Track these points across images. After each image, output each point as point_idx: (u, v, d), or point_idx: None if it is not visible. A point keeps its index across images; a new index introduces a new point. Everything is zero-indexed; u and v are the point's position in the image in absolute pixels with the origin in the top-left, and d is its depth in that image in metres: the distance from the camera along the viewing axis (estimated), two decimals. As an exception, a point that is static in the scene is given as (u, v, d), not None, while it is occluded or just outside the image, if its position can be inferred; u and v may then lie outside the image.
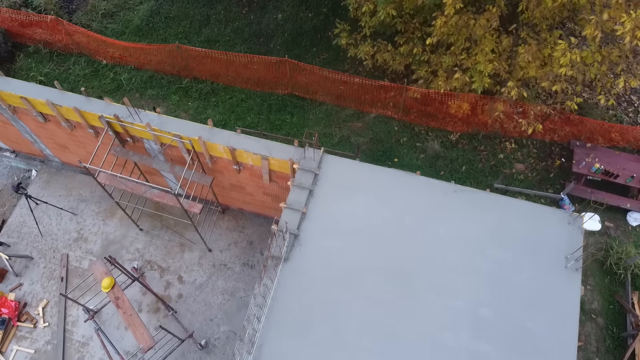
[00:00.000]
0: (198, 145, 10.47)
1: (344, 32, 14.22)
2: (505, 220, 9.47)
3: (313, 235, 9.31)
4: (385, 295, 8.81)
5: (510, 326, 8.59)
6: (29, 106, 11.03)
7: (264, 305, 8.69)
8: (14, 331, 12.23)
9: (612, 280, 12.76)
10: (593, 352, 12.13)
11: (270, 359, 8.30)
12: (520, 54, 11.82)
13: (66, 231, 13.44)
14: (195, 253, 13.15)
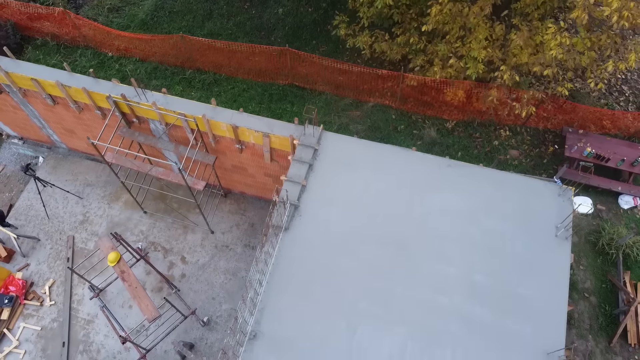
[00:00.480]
0: (202, 124, 10.87)
1: (342, 24, 14.69)
2: (498, 192, 9.83)
3: (312, 206, 9.67)
4: (381, 261, 9.14)
5: (503, 291, 8.92)
6: (39, 88, 11.45)
7: (266, 271, 9.03)
8: (21, 309, 12.54)
9: (604, 260, 13.08)
10: (586, 330, 12.42)
11: (272, 320, 8.62)
12: (512, 40, 12.25)
13: (72, 214, 13.80)
14: (198, 235, 13.49)
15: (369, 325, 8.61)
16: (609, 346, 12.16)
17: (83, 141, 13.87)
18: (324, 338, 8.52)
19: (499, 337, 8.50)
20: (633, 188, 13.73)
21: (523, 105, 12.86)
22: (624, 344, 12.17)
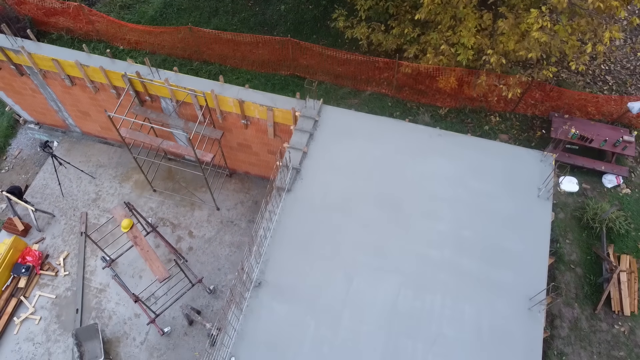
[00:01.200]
0: (210, 100, 11.71)
1: (341, 17, 15.64)
2: (485, 158, 10.62)
3: (313, 171, 10.46)
4: (377, 219, 9.89)
5: (489, 245, 9.65)
6: (59, 68, 12.32)
7: (270, 227, 9.78)
8: (37, 279, 13.23)
9: (589, 234, 13.81)
10: (572, 298, 13.10)
11: (275, 270, 9.34)
12: (499, 27, 13.16)
13: (85, 192, 14.56)
14: (205, 211, 14.24)
15: (365, 274, 9.33)
16: (594, 313, 12.83)
17: (96, 124, 14.70)
18: (323, 286, 9.23)
19: (485, 285, 9.21)
20: (616, 167, 14.53)
21: (510, 87, 13.71)
22: (608, 311, 12.84)
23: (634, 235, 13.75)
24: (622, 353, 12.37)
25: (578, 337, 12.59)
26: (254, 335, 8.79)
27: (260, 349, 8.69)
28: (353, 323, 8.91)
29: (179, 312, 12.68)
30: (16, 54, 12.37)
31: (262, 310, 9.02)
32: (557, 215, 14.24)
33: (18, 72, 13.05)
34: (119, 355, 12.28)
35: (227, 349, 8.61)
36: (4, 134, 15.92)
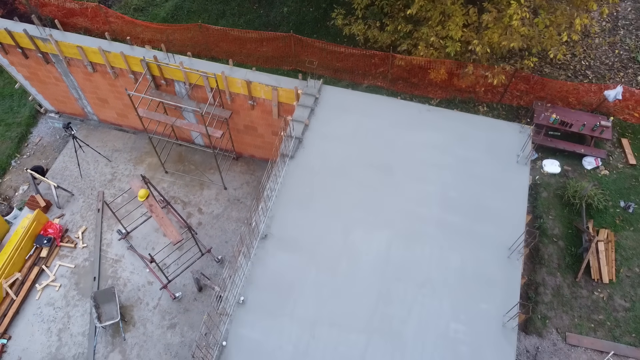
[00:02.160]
0: (221, 81, 12.89)
1: (340, 15, 16.97)
2: (469, 129, 11.75)
3: (313, 140, 11.58)
4: (371, 181, 10.96)
5: (473, 203, 10.70)
6: (83, 55, 13.54)
7: (274, 188, 10.85)
8: (57, 250, 14.23)
9: (570, 210, 14.84)
10: (555, 268, 14.07)
11: (280, 224, 10.38)
12: (484, 20, 14.42)
13: (102, 174, 15.66)
14: (213, 190, 15.31)
15: (361, 228, 10.36)
16: (575, 281, 13.78)
17: (113, 111, 15.87)
18: (323, 238, 10.25)
19: (469, 237, 10.23)
20: (594, 150, 15.64)
21: (495, 75, 14.92)
22: (589, 279, 13.80)
23: (612, 212, 14.78)
24: (601, 317, 13.30)
25: (560, 303, 13.53)
26: (260, 280, 9.79)
27: (266, 291, 9.68)
28: (350, 269, 9.92)
29: (189, 280, 13.64)
30: (44, 42, 13.60)
31: (267, 259, 10.03)
32: (541, 194, 15.31)
33: (44, 60, 14.27)
34: (134, 318, 13.21)
35: (237, 289, 9.61)
36: (26, 123, 17.09)
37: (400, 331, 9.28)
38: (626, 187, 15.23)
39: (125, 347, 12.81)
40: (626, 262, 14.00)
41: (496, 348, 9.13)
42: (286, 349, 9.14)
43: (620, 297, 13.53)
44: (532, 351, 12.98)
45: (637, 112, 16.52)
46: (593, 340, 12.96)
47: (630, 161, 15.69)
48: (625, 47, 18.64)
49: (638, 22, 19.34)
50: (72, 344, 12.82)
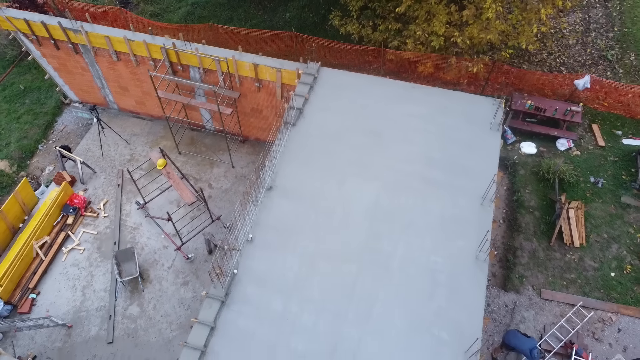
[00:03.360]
0: (231, 64, 14.64)
1: (336, 16, 18.88)
2: (450, 102, 13.42)
3: (312, 111, 13.23)
4: (362, 144, 12.56)
5: (452, 162, 12.26)
6: (109, 44, 15.34)
7: (278, 150, 12.46)
8: (82, 219, 15.74)
9: (545, 185, 16.39)
10: (531, 235, 15.54)
11: (283, 178, 11.94)
12: (464, 16, 16.29)
13: (121, 155, 17.30)
14: (222, 169, 16.91)
15: (353, 181, 11.91)
16: (549, 245, 15.24)
17: (132, 99, 17.61)
18: (320, 189, 11.79)
19: (447, 188, 11.76)
20: (567, 133, 17.30)
21: (474, 64, 16.69)
22: (562, 244, 15.26)
23: (583, 187, 16.34)
24: (572, 275, 14.72)
25: (536, 264, 14.97)
26: (266, 222, 11.30)
27: (271, 231, 11.18)
28: (344, 214, 11.43)
29: (200, 245, 15.11)
30: (75, 33, 15.42)
31: (272, 206, 11.56)
32: (519, 172, 16.90)
33: (74, 50, 16.07)
34: (150, 276, 14.64)
35: (246, 229, 11.12)
36: (52, 112, 18.82)
37: (387, 262, 10.75)
38: (596, 165, 16.82)
39: (142, 300, 14.20)
40: (595, 229, 15.48)
41: (470, 275, 10.58)
42: (288, 276, 10.59)
43: (590, 258, 14.96)
44: (510, 305, 14.35)
45: (606, 101, 18.24)
46: (565, 295, 14.35)
47: (599, 143, 17.33)
48: (597, 47, 20.50)
49: (608, 25, 21.27)
50: (95, 298, 14.21)
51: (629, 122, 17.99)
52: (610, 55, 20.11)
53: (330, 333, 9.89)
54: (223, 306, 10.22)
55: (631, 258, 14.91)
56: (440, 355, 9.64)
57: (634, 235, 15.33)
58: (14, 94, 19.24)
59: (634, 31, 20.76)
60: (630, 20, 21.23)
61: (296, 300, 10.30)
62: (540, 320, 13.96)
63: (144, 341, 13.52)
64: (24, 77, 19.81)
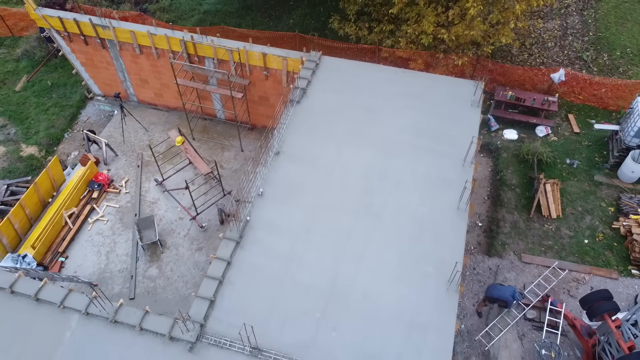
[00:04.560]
0: (242, 54, 16.49)
1: (336, 20, 20.90)
2: (436, 84, 15.22)
3: (314, 92, 15.01)
4: (357, 117, 14.29)
5: (437, 133, 13.97)
6: (134, 38, 17.24)
7: (285, 122, 14.19)
8: (105, 195, 17.36)
9: (525, 166, 18.07)
10: (513, 208, 17.14)
11: (289, 145, 13.63)
12: (450, 15, 18.25)
13: (140, 140, 19.03)
14: (232, 152, 18.62)
15: (350, 148, 13.59)
16: (529, 217, 16.82)
17: (151, 91, 19.44)
18: (321, 154, 13.46)
19: (433, 154, 13.43)
20: (545, 121, 19.08)
21: (460, 58, 18.57)
22: (540, 216, 16.84)
23: (560, 167, 18.01)
24: (550, 242, 16.25)
25: (517, 233, 16.52)
26: (274, 181, 12.95)
27: (279, 188, 12.81)
28: (342, 175, 13.08)
29: (213, 216, 16.68)
30: (104, 29, 17.35)
31: (280, 167, 13.23)
32: (502, 155, 18.60)
33: (101, 45, 17.98)
34: (168, 243, 16.18)
35: (257, 185, 12.76)
36: (77, 105, 20.65)
37: (379, 213, 12.34)
38: (571, 149, 18.54)
39: (161, 263, 15.71)
40: (571, 204, 17.08)
41: (452, 222, 12.16)
42: (293, 224, 12.17)
43: (565, 228, 16.53)
44: (493, 269, 15.85)
45: (581, 95, 20.09)
46: (543, 259, 15.86)
47: (575, 130, 19.09)
48: (573, 49, 22.47)
49: (583, 30, 23.29)
50: (118, 261, 15.72)
51: (601, 113, 19.79)
52: (586, 56, 22.05)
53: (330, 268, 11.42)
54: (237, 246, 11.78)
55: (603, 227, 16.47)
56: (426, 285, 11.15)
57: (605, 209, 16.93)
58: (42, 89, 21.10)
59: (607, 35, 22.76)
60: (604, 26, 23.25)
61: (301, 243, 11.86)
62: (521, 280, 15.44)
63: (163, 298, 14.98)
64: (51, 75, 21.70)
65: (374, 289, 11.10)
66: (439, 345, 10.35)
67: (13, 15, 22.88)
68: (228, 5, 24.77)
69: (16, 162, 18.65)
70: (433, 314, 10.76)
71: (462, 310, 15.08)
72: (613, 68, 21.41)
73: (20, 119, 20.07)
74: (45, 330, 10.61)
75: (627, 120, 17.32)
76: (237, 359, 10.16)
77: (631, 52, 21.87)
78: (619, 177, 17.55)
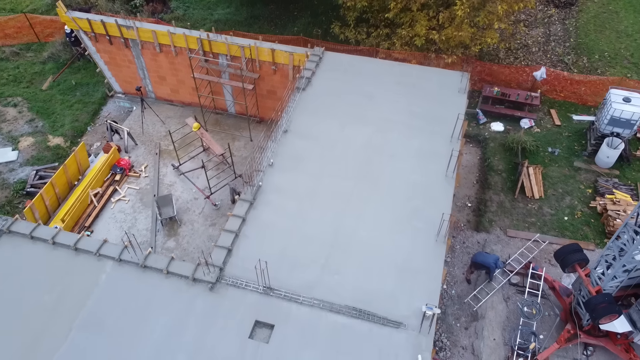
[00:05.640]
0: (253, 51, 18.34)
1: (337, 25, 22.89)
2: (427, 74, 17.03)
3: (318, 81, 16.79)
4: (358, 102, 16.04)
5: (428, 114, 15.68)
6: (154, 37, 19.12)
7: (291, 106, 15.92)
8: (126, 178, 18.98)
9: (510, 154, 19.74)
10: (499, 190, 18.73)
11: (296, 124, 15.33)
12: (440, 18, 20.21)
13: (158, 131, 20.75)
14: (242, 142, 20.31)
15: (351, 126, 15.28)
16: (514, 198, 18.40)
17: (168, 88, 21.25)
18: (325, 132, 15.15)
19: (424, 131, 15.12)
20: (528, 114, 20.85)
21: (449, 57, 20.44)
22: (524, 197, 18.42)
23: (542, 155, 19.69)
24: (533, 219, 17.79)
25: (503, 212, 18.08)
26: (283, 153, 14.59)
27: (287, 159, 14.45)
28: (343, 148, 14.74)
29: (225, 196, 18.26)
30: (127, 29, 19.25)
31: (288, 143, 14.89)
32: (489, 144, 20.29)
33: (124, 45, 19.86)
34: (184, 220, 17.72)
35: (268, 156, 14.41)
36: (98, 102, 22.45)
37: (377, 179, 13.96)
38: (553, 139, 20.24)
39: (178, 237, 17.22)
40: (552, 186, 18.69)
41: (440, 187, 13.76)
42: (301, 189, 13.77)
43: (547, 207, 18.09)
44: (481, 242, 17.35)
45: (562, 93, 21.92)
46: (526, 233, 17.38)
47: (556, 123, 20.84)
48: (555, 54, 24.40)
49: (565, 37, 25.26)
50: (138, 235, 17.21)
51: (581, 108, 21.58)
52: (567, 59, 23.95)
53: (333, 223, 12.97)
54: (251, 207, 13.35)
55: (581, 206, 18.04)
56: (417, 238, 12.68)
57: (584, 190, 18.53)
58: (67, 88, 22.93)
59: (587, 41, 24.71)
60: (584, 33, 25.23)
61: (307, 203, 13.44)
62: (506, 252, 16.93)
63: (180, 266, 16.42)
64: (74, 75, 23.57)
65: (371, 240, 12.62)
66: (429, 286, 11.82)
67: (40, 23, 24.88)
68: (237, 15, 26.85)
69: (44, 151, 20.32)
70: (423, 261, 12.27)
71: (452, 278, 16.54)
72: (592, 70, 23.27)
73: (47, 113, 21.84)
74: (84, 274, 12.10)
75: (601, 111, 19.06)
76: (252, 297, 11.63)
77: (608, 56, 23.77)
78: (596, 163, 19.20)
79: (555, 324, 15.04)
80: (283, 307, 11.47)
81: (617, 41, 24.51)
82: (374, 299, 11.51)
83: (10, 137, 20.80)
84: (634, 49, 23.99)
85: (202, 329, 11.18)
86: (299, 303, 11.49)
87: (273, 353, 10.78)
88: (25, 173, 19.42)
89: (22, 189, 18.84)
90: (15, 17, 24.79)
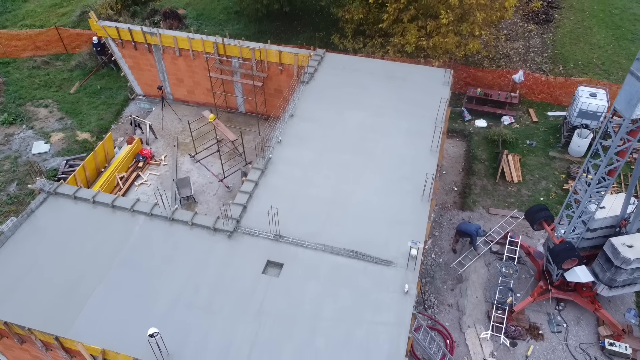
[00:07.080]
0: (262, 53, 20.82)
1: (336, 36, 25.53)
2: (415, 70, 19.44)
3: (320, 76, 19.19)
4: (354, 93, 18.39)
5: (416, 102, 17.99)
6: (175, 42, 21.65)
7: (297, 96, 18.26)
8: (147, 166, 21.16)
9: (492, 145, 21.99)
10: (482, 176, 20.90)
11: (301, 110, 17.63)
12: (428, 26, 22.80)
13: (175, 127, 23.06)
14: (251, 136, 22.58)
15: (348, 112, 17.57)
16: (495, 182, 20.55)
17: (185, 89, 23.67)
18: (325, 116, 17.43)
19: (413, 116, 17.40)
20: (509, 112, 23.21)
21: (437, 59, 22.94)
22: (505, 182, 20.57)
23: (521, 146, 21.93)
24: (512, 200, 19.89)
25: (485, 194, 20.20)
26: (290, 133, 16.84)
27: (293, 138, 16.68)
28: (342, 129, 17.00)
29: (237, 181, 20.41)
30: (151, 35, 21.80)
31: (293, 125, 17.16)
32: (474, 138, 22.57)
33: (148, 50, 22.38)
34: (200, 200, 19.82)
35: (277, 134, 16.65)
36: (121, 104, 24.87)
37: (372, 152, 16.15)
38: (531, 133, 22.53)
39: (195, 214, 19.25)
40: (529, 172, 20.86)
41: (425, 159, 15.94)
42: (305, 160, 15.94)
43: (525, 190, 20.22)
44: (466, 219, 19.39)
45: (539, 95, 24.33)
46: (506, 211, 19.44)
47: (534, 119, 23.18)
48: (534, 63, 26.96)
49: (543, 49, 27.88)
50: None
51: (556, 107, 23.94)
52: (545, 67, 26.49)
53: (334, 186, 15.08)
54: (262, 174, 15.50)
55: (555, 189, 20.16)
56: (405, 198, 14.78)
57: (558, 176, 20.68)
58: (93, 92, 25.39)
59: (563, 52, 27.33)
60: (560, 45, 27.88)
61: (311, 171, 15.60)
62: (488, 226, 18.95)
63: (197, 238, 18.41)
64: (99, 81, 26.07)
65: (366, 199, 14.72)
66: (415, 235, 13.84)
67: (68, 37, 27.55)
68: (246, 30, 29.57)
69: (73, 144, 22.59)
70: (411, 215, 14.34)
71: (440, 249, 18.53)
72: (567, 76, 25.75)
73: (75, 113, 24.21)
74: (120, 226, 14.15)
75: (571, 106, 21.41)
76: (264, 242, 13.66)
77: (582, 64, 26.33)
78: (569, 153, 21.42)
79: (530, 283, 16.96)
80: (291, 250, 13.48)
81: (590, 52, 27.13)
82: (369, 245, 13.52)
83: (43, 133, 23.11)
84: (605, 58, 26.57)
85: (222, 267, 13.16)
86: (304, 247, 13.51)
87: (283, 284, 12.75)
88: (56, 162, 21.64)
89: (54, 176, 20.99)
90: (46, 31, 27.48)
